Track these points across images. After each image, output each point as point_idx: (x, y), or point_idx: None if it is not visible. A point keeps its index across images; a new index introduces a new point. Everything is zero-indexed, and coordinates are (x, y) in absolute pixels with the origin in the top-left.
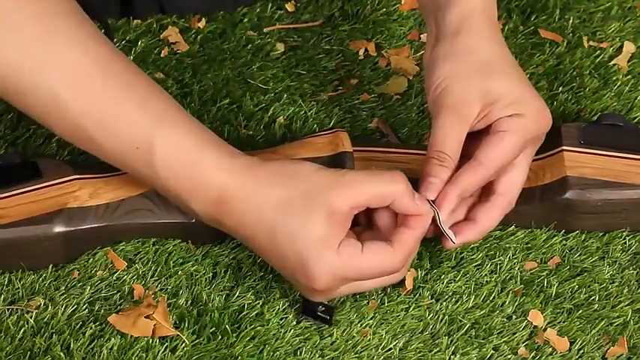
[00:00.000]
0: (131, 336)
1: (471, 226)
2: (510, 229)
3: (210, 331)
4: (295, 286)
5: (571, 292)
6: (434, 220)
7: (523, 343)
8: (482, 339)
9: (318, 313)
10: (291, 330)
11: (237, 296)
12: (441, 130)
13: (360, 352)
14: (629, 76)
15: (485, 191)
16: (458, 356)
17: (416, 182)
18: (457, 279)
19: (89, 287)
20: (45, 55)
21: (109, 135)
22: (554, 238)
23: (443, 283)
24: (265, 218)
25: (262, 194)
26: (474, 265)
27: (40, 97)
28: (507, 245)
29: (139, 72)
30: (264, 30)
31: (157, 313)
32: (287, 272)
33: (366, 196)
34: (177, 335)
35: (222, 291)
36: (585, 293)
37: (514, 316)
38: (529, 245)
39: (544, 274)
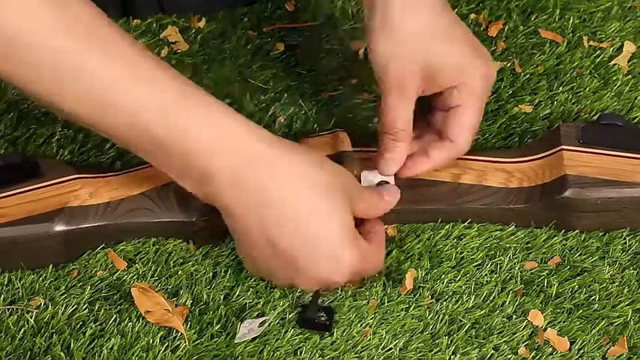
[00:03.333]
0: (131, 336)
1: (424, 160)
2: (510, 229)
3: (211, 330)
4: (301, 268)
5: (571, 292)
6: None
7: (523, 343)
8: (483, 339)
9: (317, 321)
10: (291, 330)
11: (238, 296)
12: (389, 110)
13: (360, 352)
14: (629, 76)
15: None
16: (458, 356)
17: (418, 182)
18: (457, 279)
19: (89, 287)
20: (57, 16)
21: (129, 97)
22: (554, 238)
23: (443, 283)
24: (302, 186)
25: (296, 161)
26: (474, 265)
27: (48, 59)
28: (507, 245)
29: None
30: (264, 29)
31: (176, 311)
32: (305, 249)
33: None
34: (178, 335)
35: (222, 291)
36: (585, 293)
37: (514, 316)
38: (529, 245)
39: (544, 274)
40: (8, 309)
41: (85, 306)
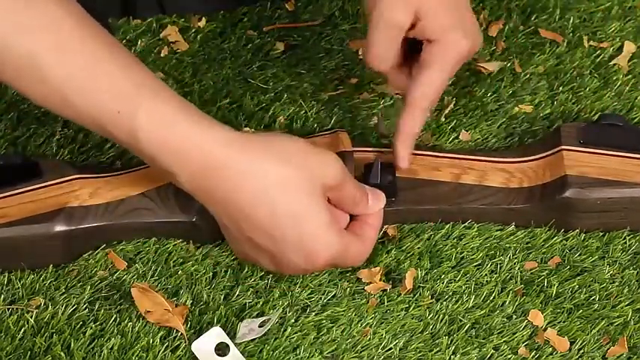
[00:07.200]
0: (131, 336)
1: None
2: (510, 229)
3: None
4: (279, 262)
5: (571, 292)
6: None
7: (523, 343)
8: (483, 339)
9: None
10: (289, 328)
11: (238, 295)
12: (373, 37)
13: (360, 352)
14: (629, 76)
15: None
16: (458, 356)
17: (418, 182)
18: (457, 279)
19: (89, 287)
20: (24, 15)
21: (88, 99)
22: (554, 238)
23: (443, 283)
24: (265, 192)
25: (258, 166)
26: (474, 265)
27: (14, 59)
28: (507, 245)
29: (117, 41)
30: (264, 29)
31: (176, 311)
32: (277, 248)
33: (352, 195)
34: (178, 335)
35: (222, 291)
36: (585, 293)
37: (514, 316)
38: (529, 245)
39: (544, 274)
40: (8, 309)
41: (85, 306)
